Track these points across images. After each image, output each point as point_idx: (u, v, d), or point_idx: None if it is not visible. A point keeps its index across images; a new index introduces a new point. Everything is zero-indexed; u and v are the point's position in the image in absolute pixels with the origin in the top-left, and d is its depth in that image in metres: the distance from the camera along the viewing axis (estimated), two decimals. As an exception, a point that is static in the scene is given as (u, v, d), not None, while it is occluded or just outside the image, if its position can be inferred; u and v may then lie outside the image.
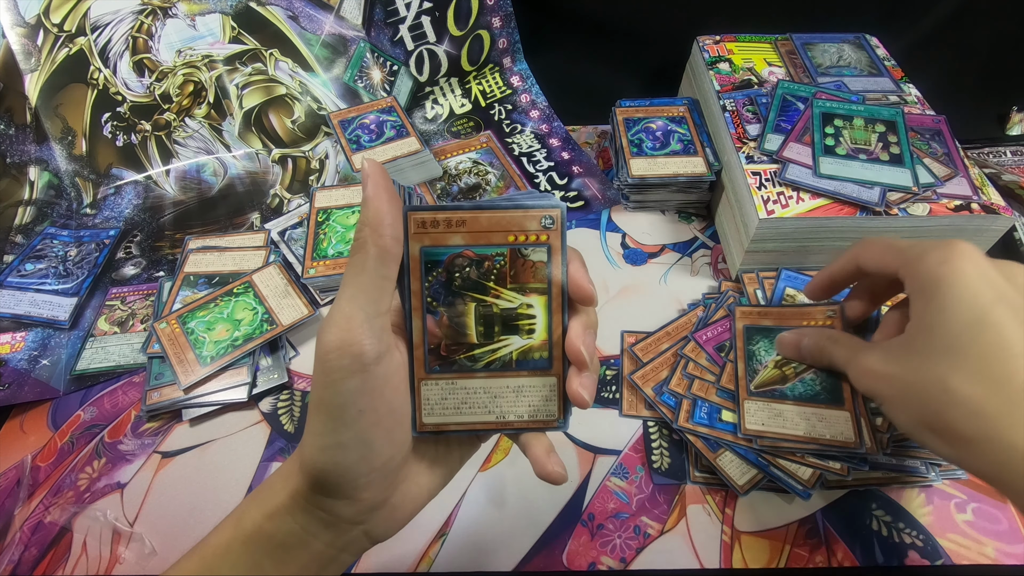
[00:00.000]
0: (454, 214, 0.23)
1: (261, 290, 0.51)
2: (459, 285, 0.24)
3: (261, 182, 0.64)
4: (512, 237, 0.23)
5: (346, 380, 0.21)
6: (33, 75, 0.61)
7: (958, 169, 0.49)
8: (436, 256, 0.23)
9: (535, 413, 0.25)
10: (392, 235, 0.22)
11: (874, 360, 0.30)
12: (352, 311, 0.22)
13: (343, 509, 0.23)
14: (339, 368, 0.21)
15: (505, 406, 0.25)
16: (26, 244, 0.59)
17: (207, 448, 0.45)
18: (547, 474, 0.25)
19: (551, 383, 0.25)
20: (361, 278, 0.22)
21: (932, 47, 0.68)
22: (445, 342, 0.24)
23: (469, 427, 0.25)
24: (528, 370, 0.24)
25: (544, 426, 0.25)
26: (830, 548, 0.38)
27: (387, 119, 0.63)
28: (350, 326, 0.21)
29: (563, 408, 0.25)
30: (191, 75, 0.64)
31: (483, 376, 0.24)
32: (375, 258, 0.22)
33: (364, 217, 0.22)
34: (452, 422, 0.25)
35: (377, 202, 0.22)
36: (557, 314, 0.24)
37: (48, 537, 0.41)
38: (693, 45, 0.64)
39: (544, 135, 0.67)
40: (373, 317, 0.22)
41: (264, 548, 0.24)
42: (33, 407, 0.48)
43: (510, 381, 0.25)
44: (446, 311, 0.24)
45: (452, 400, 0.25)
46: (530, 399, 0.25)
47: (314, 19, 0.64)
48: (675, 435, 0.43)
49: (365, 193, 0.22)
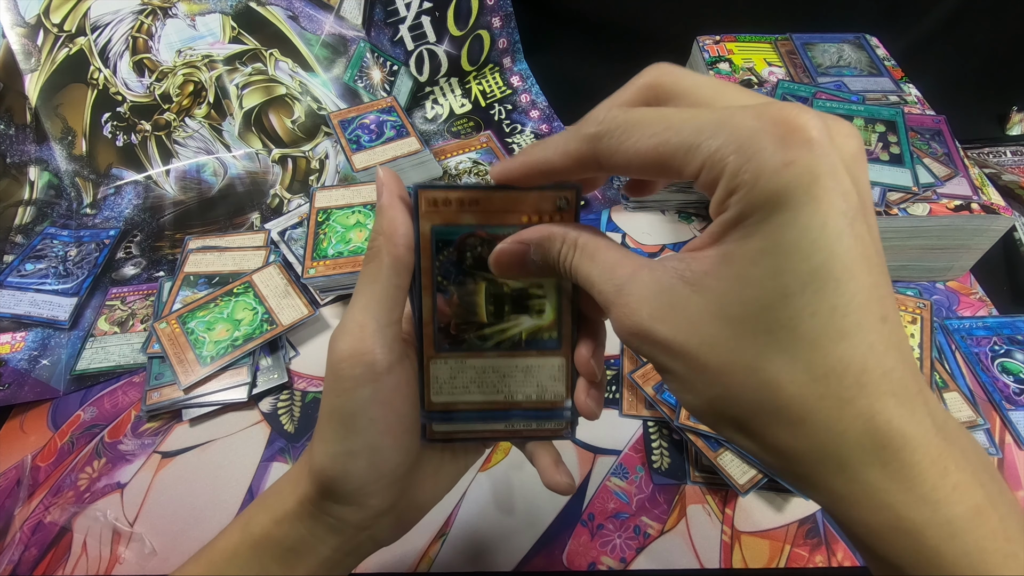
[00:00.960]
0: (467, 193, 0.23)
1: (261, 290, 0.51)
2: (471, 264, 0.23)
3: (261, 182, 0.64)
4: (525, 218, 0.23)
5: (358, 389, 0.22)
6: (33, 75, 0.61)
7: (958, 169, 0.49)
8: (448, 235, 0.23)
9: (543, 393, 0.25)
10: (406, 244, 0.22)
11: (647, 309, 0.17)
12: (365, 320, 0.22)
13: (351, 515, 0.24)
14: (351, 377, 0.21)
15: (514, 385, 0.25)
16: (26, 244, 0.59)
17: (207, 448, 0.45)
18: (555, 484, 0.25)
19: (559, 363, 0.25)
20: (375, 287, 0.22)
21: (932, 47, 0.68)
22: (455, 320, 0.24)
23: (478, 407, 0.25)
24: (537, 350, 0.25)
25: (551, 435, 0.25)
26: (830, 548, 0.38)
27: (387, 119, 0.63)
28: (363, 335, 0.21)
29: (570, 388, 0.25)
30: (191, 75, 0.64)
31: (492, 355, 0.24)
32: (389, 267, 0.22)
33: (379, 226, 0.22)
34: (461, 400, 0.25)
35: (392, 211, 0.22)
36: (567, 295, 0.24)
37: (48, 537, 0.41)
38: (693, 45, 0.64)
39: (544, 135, 0.67)
40: (386, 326, 0.22)
41: (272, 553, 0.24)
42: (33, 407, 0.48)
43: (519, 360, 0.25)
44: (456, 290, 0.24)
45: (461, 379, 0.25)
46: (539, 379, 0.25)
47: (314, 19, 0.64)
48: (675, 435, 0.43)
49: (380, 202, 0.22)
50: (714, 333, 0.16)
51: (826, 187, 0.15)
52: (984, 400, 0.45)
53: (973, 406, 0.43)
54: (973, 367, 0.46)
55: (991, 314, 0.50)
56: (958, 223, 0.46)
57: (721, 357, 0.16)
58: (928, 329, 0.46)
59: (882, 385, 0.15)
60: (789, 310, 0.15)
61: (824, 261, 0.15)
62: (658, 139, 0.16)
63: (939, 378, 0.44)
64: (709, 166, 0.16)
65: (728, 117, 0.16)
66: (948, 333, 0.48)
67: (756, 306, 0.16)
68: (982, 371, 0.46)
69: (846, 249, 0.15)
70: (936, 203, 0.47)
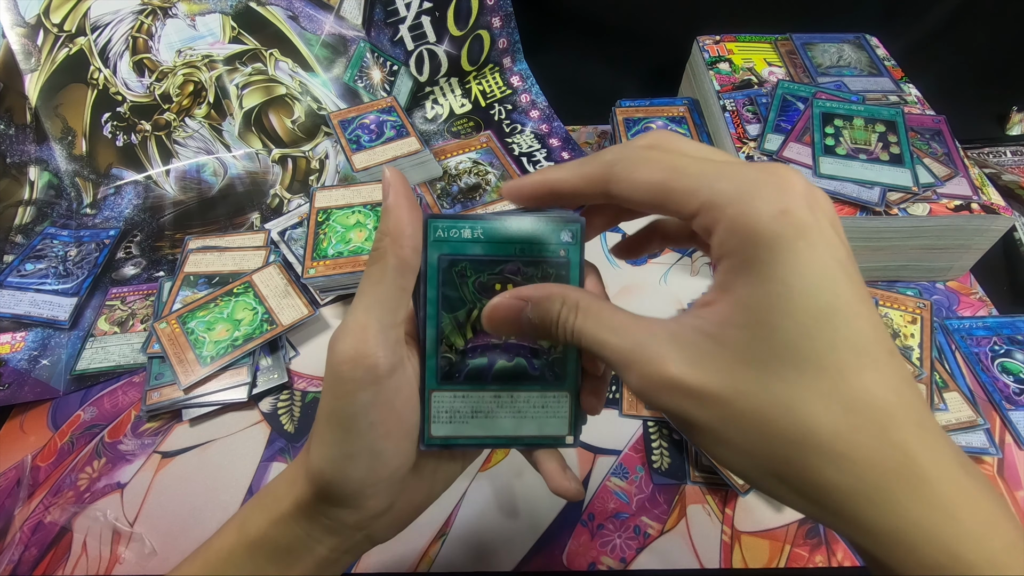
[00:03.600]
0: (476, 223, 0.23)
1: (261, 290, 0.51)
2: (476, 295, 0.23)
3: (261, 182, 0.64)
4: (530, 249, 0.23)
5: (359, 392, 0.21)
6: (33, 75, 0.61)
7: (958, 169, 0.49)
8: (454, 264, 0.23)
9: (545, 428, 0.25)
10: (412, 246, 0.22)
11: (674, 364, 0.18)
12: (368, 321, 0.21)
13: (348, 517, 0.24)
14: (352, 380, 0.21)
15: (516, 420, 0.24)
16: (26, 244, 0.59)
17: (207, 448, 0.45)
18: (563, 490, 0.25)
19: (563, 398, 0.24)
20: (379, 288, 0.22)
21: (932, 47, 0.68)
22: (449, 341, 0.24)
23: (479, 440, 0.25)
24: (541, 384, 0.24)
25: (554, 442, 0.25)
26: (830, 548, 0.38)
27: (387, 119, 0.63)
28: (365, 336, 0.21)
29: (574, 424, 0.25)
30: (191, 75, 0.64)
31: (495, 389, 0.24)
32: (394, 268, 0.22)
33: (384, 227, 0.22)
34: (462, 434, 0.24)
35: (399, 211, 0.22)
36: None
37: (48, 537, 0.41)
38: (693, 45, 0.64)
39: (544, 135, 0.67)
40: (388, 328, 0.22)
41: (268, 554, 0.24)
42: (33, 407, 0.48)
43: (522, 394, 0.24)
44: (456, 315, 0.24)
45: (463, 412, 0.24)
46: (541, 414, 0.25)
47: (314, 19, 0.64)
48: (675, 435, 0.43)
49: (386, 203, 0.22)
50: (745, 379, 0.17)
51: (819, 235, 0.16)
52: (984, 400, 0.45)
53: (973, 406, 0.43)
54: (973, 367, 0.46)
55: (991, 314, 0.50)
56: (958, 223, 0.46)
57: (754, 401, 0.17)
58: (928, 329, 0.46)
59: (909, 415, 0.16)
60: (811, 345, 0.16)
61: (830, 300, 0.16)
62: (665, 175, 0.18)
63: (939, 378, 0.44)
64: (707, 208, 0.17)
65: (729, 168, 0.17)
66: (948, 333, 0.48)
67: (780, 346, 0.16)
68: (982, 371, 0.46)
69: (845, 290, 0.16)
70: (936, 203, 0.47)
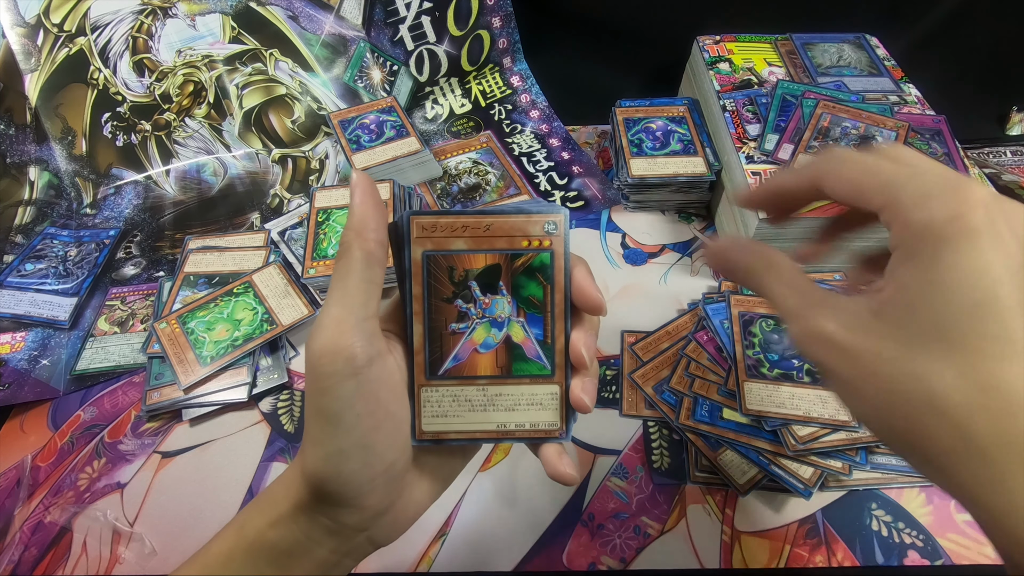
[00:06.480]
0: (457, 219, 0.23)
1: (261, 290, 0.51)
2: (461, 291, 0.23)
3: (261, 182, 0.64)
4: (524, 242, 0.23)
5: (340, 385, 0.21)
6: (33, 75, 0.61)
7: (958, 169, 0.49)
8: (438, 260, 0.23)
9: (536, 422, 0.25)
10: (376, 239, 0.22)
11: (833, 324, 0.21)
12: (341, 314, 0.22)
13: (347, 517, 0.23)
14: (332, 373, 0.21)
15: (506, 414, 0.24)
16: (26, 244, 0.59)
17: (207, 448, 0.45)
18: (560, 476, 0.25)
19: (553, 391, 0.24)
20: (347, 281, 0.22)
21: (932, 47, 0.68)
22: None
23: (469, 436, 0.25)
24: (530, 377, 0.24)
25: (546, 436, 0.25)
26: (830, 548, 0.38)
27: (387, 119, 0.63)
28: (340, 329, 0.21)
29: (565, 417, 0.25)
30: (191, 75, 0.64)
31: (484, 383, 0.24)
32: (360, 261, 0.22)
33: (349, 222, 0.22)
34: (452, 430, 0.24)
35: (363, 207, 0.22)
36: (560, 321, 0.24)
37: (48, 537, 0.41)
38: (693, 45, 0.64)
39: (544, 135, 0.67)
40: (363, 320, 0.22)
41: (267, 556, 0.24)
42: (33, 407, 0.48)
43: (512, 388, 0.24)
44: None
45: (453, 407, 0.24)
46: (532, 407, 0.24)
47: (314, 19, 0.64)
48: (675, 435, 0.43)
49: (352, 202, 0.23)
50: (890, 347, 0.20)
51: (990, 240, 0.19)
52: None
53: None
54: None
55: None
56: (958, 223, 0.46)
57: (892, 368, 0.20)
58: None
59: None
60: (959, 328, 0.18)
61: (986, 296, 0.18)
62: (861, 174, 0.22)
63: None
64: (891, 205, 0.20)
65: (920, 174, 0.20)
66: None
67: (929, 324, 0.19)
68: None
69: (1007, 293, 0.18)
70: (936, 203, 0.47)
